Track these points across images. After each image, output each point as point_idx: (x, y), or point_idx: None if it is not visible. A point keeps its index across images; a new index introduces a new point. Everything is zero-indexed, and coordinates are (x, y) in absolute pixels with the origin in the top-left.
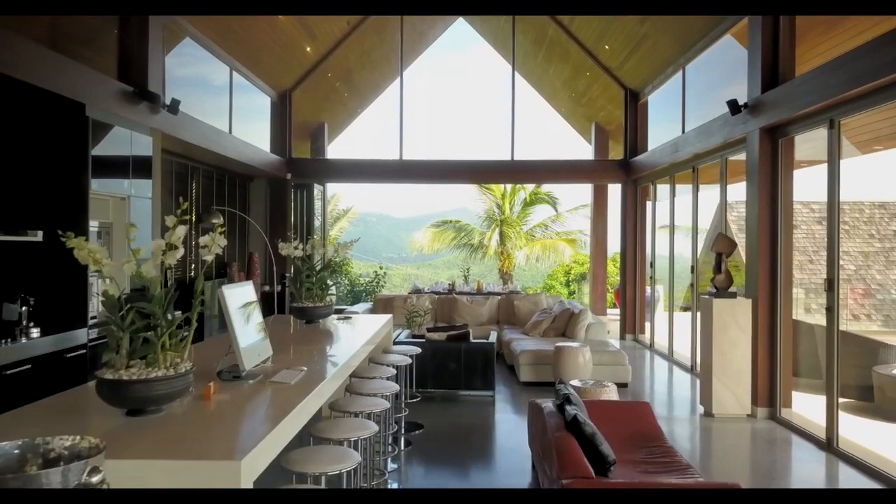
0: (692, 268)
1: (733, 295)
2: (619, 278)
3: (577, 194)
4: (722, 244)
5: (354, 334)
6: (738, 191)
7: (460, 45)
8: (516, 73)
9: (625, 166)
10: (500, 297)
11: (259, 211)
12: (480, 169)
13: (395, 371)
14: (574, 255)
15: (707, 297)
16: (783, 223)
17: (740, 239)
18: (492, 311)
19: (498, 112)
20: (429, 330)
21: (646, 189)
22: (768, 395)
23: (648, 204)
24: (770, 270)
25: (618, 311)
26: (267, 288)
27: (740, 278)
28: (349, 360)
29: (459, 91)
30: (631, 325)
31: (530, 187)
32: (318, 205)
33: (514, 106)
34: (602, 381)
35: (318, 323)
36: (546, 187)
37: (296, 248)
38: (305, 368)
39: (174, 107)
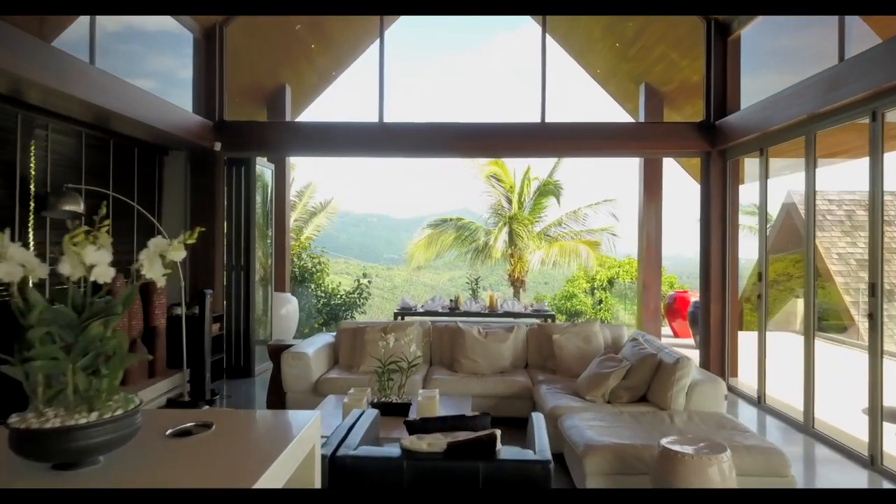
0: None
1: None
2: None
3: (595, 187)
4: None
5: None
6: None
7: None
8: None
9: (707, 130)
10: (528, 328)
11: (177, 196)
12: (496, 135)
13: None
14: (598, 258)
15: None
16: None
17: (823, 238)
18: (517, 350)
19: (515, 66)
20: (410, 427)
21: (737, 164)
22: None
23: (746, 186)
24: None
25: (669, 330)
26: (179, 310)
27: (827, 297)
28: None
29: (464, 43)
30: (717, 363)
31: (543, 175)
32: (281, 191)
33: (544, 47)
34: None
35: (96, 463)
36: (564, 179)
37: None
38: None
39: None
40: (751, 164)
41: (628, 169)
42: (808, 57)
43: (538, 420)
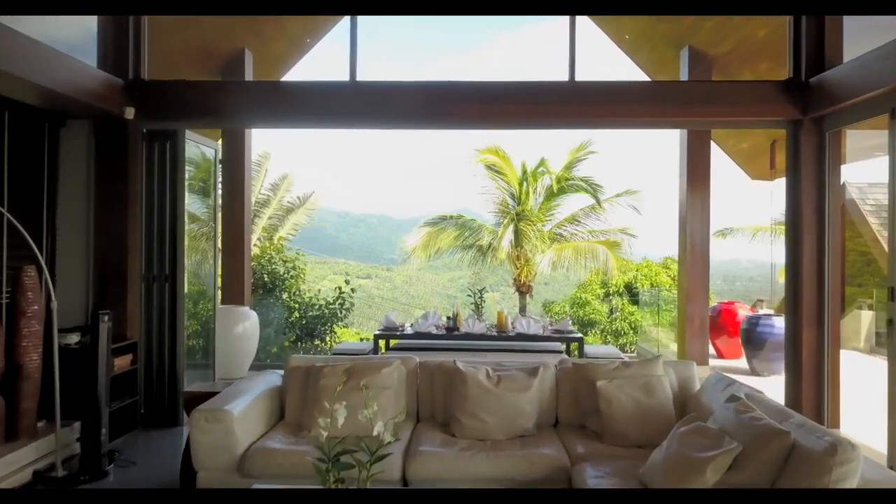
0: None
1: None
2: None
3: (615, 179)
4: None
5: None
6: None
7: None
8: None
9: (796, 91)
10: (557, 366)
11: (78, 182)
12: (510, 98)
13: None
14: (618, 261)
15: None
16: None
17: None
18: (544, 402)
19: (514, 66)
20: None
21: (839, 137)
22: None
23: (847, 166)
24: None
25: (712, 349)
26: (67, 340)
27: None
28: None
29: (463, 44)
30: (811, 407)
31: (557, 169)
32: (237, 178)
33: None
34: None
35: None
36: (582, 171)
37: None
38: None
39: None
40: (855, 138)
41: (652, 157)
42: None
43: None
